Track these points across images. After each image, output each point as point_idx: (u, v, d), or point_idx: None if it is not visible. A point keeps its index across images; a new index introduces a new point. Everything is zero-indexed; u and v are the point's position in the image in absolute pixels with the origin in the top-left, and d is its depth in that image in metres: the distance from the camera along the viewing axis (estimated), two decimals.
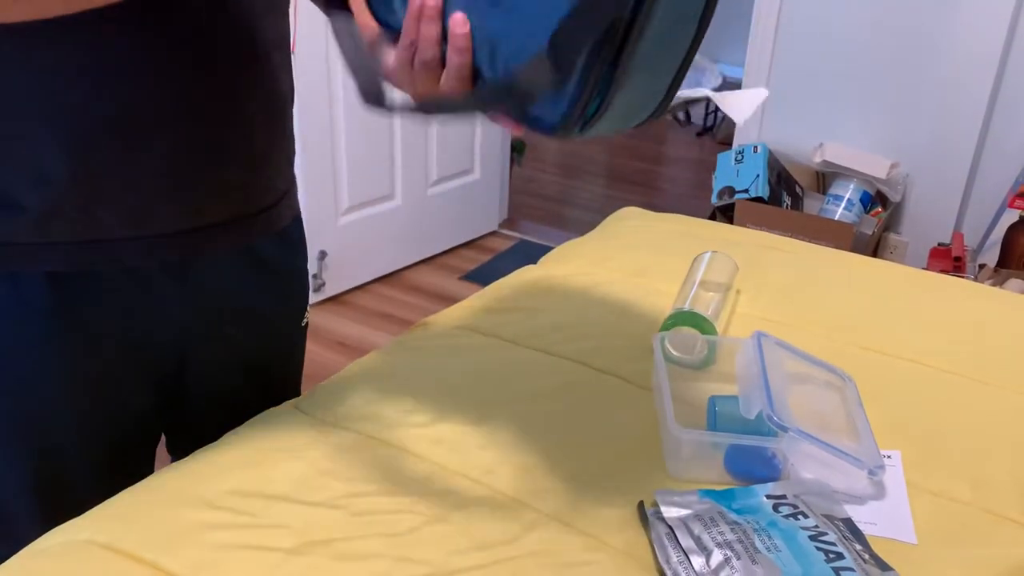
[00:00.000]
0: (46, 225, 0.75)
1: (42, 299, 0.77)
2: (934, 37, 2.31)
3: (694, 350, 1.05)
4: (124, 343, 0.83)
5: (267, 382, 1.01)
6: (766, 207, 2.37)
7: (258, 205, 0.89)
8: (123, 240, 0.78)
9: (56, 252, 0.76)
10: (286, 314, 1.00)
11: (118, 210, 0.77)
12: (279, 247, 0.94)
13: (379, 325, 2.56)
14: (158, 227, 0.80)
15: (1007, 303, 1.32)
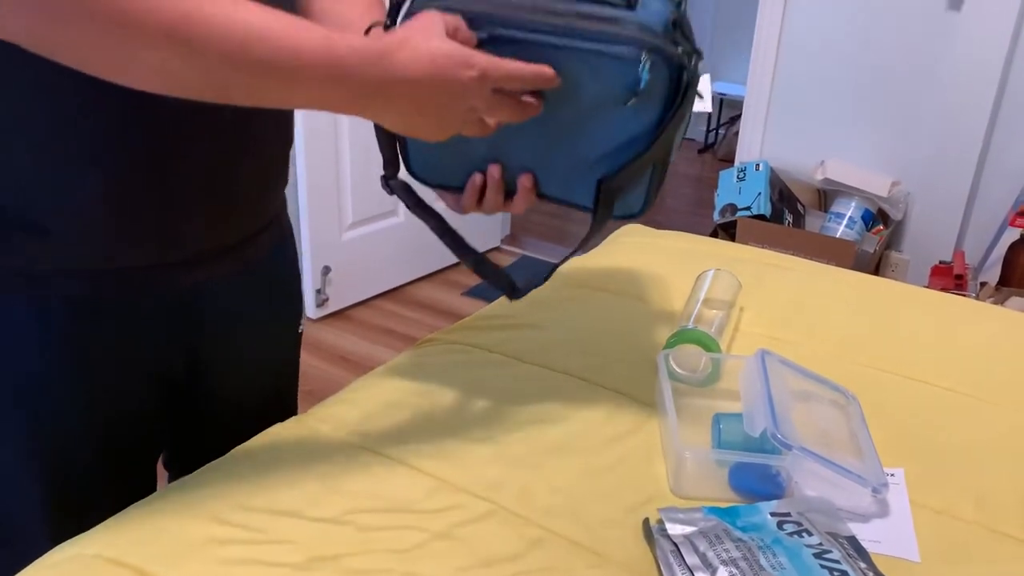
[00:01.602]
0: (70, 251, 0.75)
1: (61, 323, 0.78)
2: (935, 56, 2.33)
3: (698, 368, 1.06)
4: (136, 360, 0.84)
5: (266, 389, 1.03)
6: (768, 224, 2.37)
7: (267, 218, 0.91)
8: (147, 267, 0.79)
9: (79, 278, 0.77)
10: (283, 321, 1.02)
11: (143, 236, 0.78)
12: (274, 254, 0.95)
13: (382, 340, 2.56)
14: (180, 253, 0.81)
15: (1008, 321, 1.32)
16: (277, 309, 1.01)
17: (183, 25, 0.58)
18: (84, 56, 0.59)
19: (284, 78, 0.63)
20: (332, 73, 0.65)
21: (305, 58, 0.63)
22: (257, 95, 0.65)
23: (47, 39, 0.57)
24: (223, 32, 0.59)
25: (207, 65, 0.60)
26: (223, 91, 0.63)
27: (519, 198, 0.84)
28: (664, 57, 0.74)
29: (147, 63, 0.59)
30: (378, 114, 0.70)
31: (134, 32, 0.57)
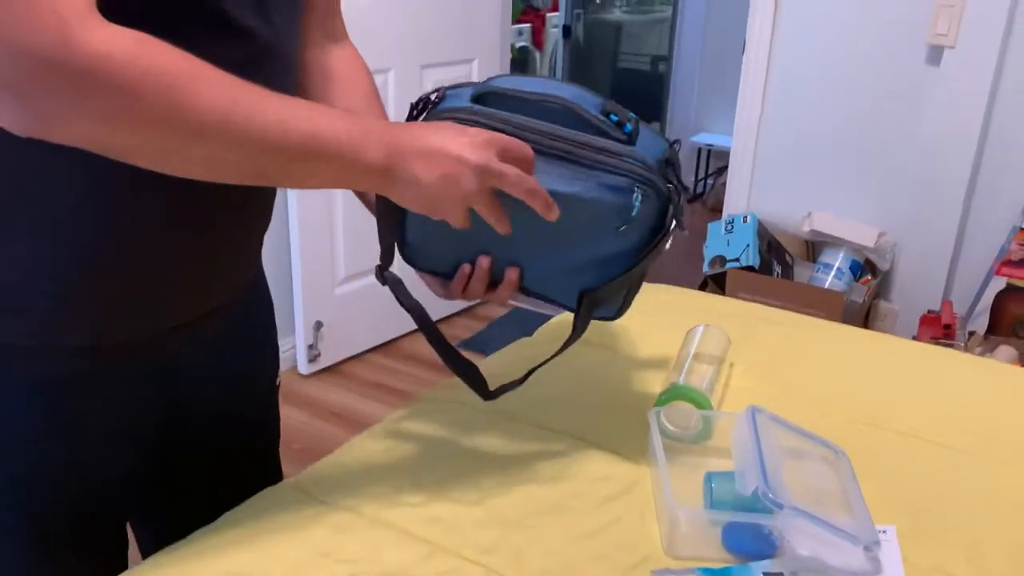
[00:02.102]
0: (51, 328, 0.76)
1: (41, 395, 0.78)
2: (916, 109, 2.37)
3: (690, 425, 1.06)
4: (115, 424, 0.84)
5: (244, 446, 1.03)
6: (757, 276, 2.40)
7: (245, 280, 0.92)
8: (126, 344, 0.80)
9: (61, 354, 0.77)
10: (259, 372, 1.02)
11: (124, 313, 0.78)
12: (250, 306, 0.96)
13: (375, 395, 2.56)
14: (162, 325, 0.82)
15: (996, 373, 1.34)
16: (252, 362, 1.02)
17: (227, 121, 0.63)
18: (137, 153, 0.63)
19: (311, 160, 0.68)
20: (356, 147, 0.70)
21: (329, 140, 0.69)
22: (290, 178, 0.71)
23: (102, 140, 0.61)
24: (261, 125, 0.65)
25: (247, 155, 0.65)
26: (262, 176, 0.69)
27: (503, 289, 0.89)
28: (656, 190, 0.82)
29: (194, 156, 0.64)
30: (398, 176, 0.73)
31: (183, 130, 0.61)
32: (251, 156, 0.65)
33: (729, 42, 4.38)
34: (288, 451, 1.15)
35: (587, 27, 5.35)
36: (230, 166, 0.66)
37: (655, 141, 0.85)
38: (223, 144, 0.63)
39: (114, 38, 0.57)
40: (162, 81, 0.59)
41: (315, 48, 0.94)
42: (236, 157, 0.65)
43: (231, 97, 0.63)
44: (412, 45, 2.63)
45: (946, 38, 2.25)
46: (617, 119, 0.81)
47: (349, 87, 0.95)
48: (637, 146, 0.82)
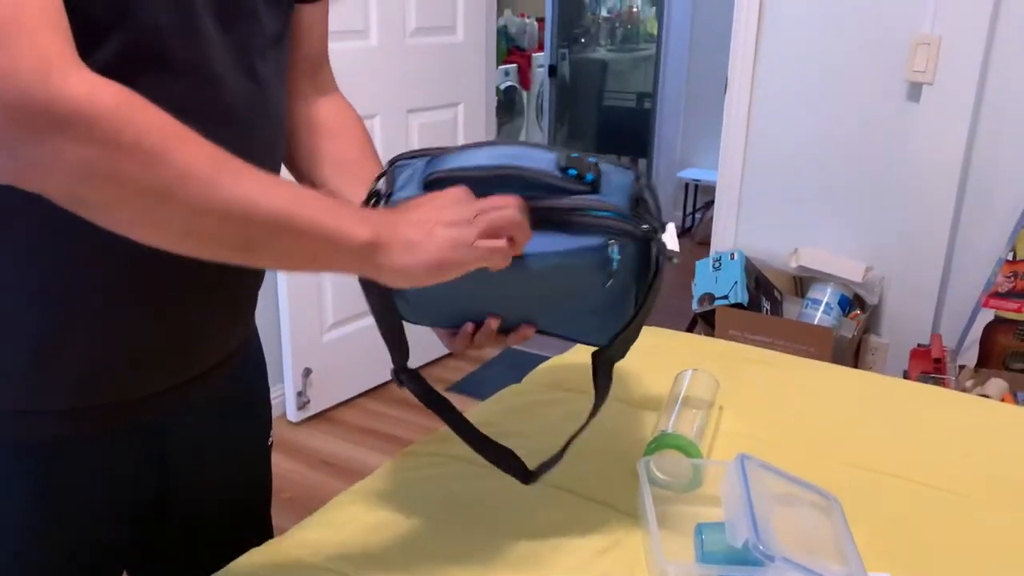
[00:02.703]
0: (32, 392, 0.75)
1: (24, 461, 0.77)
2: (899, 145, 2.40)
3: (680, 474, 1.05)
4: (102, 492, 0.83)
5: (236, 506, 1.01)
6: (746, 313, 2.40)
7: (236, 342, 0.91)
8: (113, 404, 0.79)
9: (42, 419, 0.76)
10: (252, 436, 1.01)
11: (107, 376, 0.78)
12: (242, 369, 0.95)
13: (365, 441, 2.53)
14: (147, 388, 0.81)
15: (989, 412, 1.33)
16: (245, 424, 1.00)
17: (210, 183, 0.61)
18: (113, 211, 0.61)
19: (295, 233, 0.66)
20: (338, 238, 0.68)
21: (312, 214, 0.67)
22: (273, 252, 0.68)
23: (79, 192, 0.59)
24: (245, 192, 0.63)
25: (229, 224, 0.63)
26: (244, 248, 0.66)
27: (515, 336, 0.87)
28: (631, 235, 0.79)
29: (173, 220, 0.62)
30: (392, 248, 0.70)
31: (162, 188, 0.60)
32: (233, 225, 0.63)
33: (712, 78, 4.43)
34: (278, 500, 1.13)
35: (572, 66, 5.40)
36: (210, 235, 0.63)
37: (621, 179, 0.81)
38: (202, 208, 0.61)
39: (97, 86, 0.56)
40: (145, 134, 0.58)
41: (303, 100, 0.95)
42: (216, 225, 0.63)
43: (214, 160, 0.62)
44: (398, 90, 2.65)
45: (924, 74, 2.27)
46: (576, 172, 0.78)
47: (341, 138, 0.95)
48: (603, 192, 0.79)
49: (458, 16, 2.82)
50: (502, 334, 0.87)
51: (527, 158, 0.79)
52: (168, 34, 0.68)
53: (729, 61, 2.59)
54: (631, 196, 0.80)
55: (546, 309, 0.86)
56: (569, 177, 0.78)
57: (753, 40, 2.53)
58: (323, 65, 0.98)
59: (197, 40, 0.70)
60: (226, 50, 0.74)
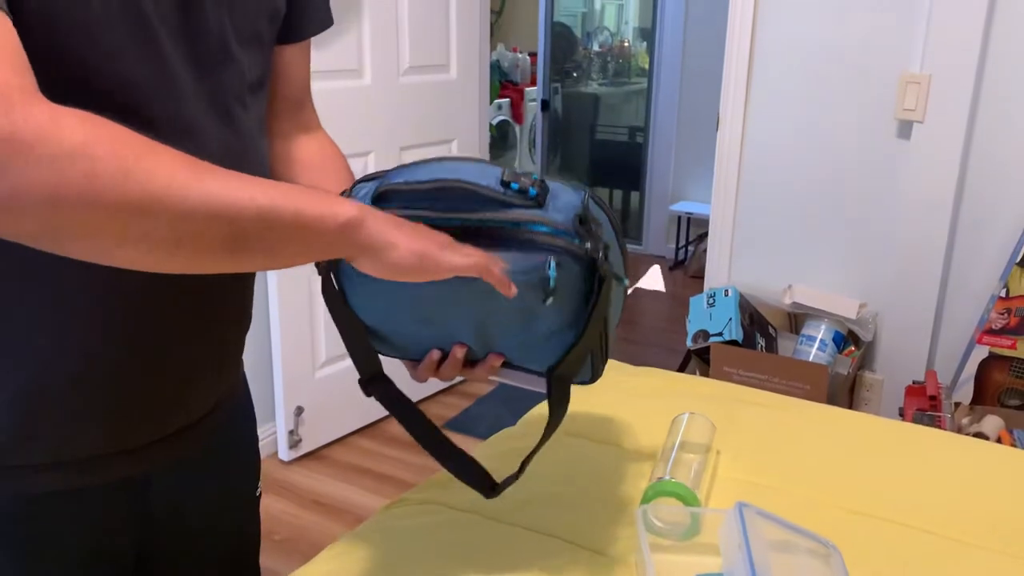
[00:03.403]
0: (12, 445, 0.73)
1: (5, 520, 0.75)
2: (890, 182, 2.41)
3: (677, 522, 1.04)
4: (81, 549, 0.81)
5: (223, 559, 0.99)
6: (741, 350, 2.39)
7: (221, 393, 0.90)
8: (93, 460, 0.77)
9: (23, 473, 0.75)
10: (240, 488, 0.99)
11: (88, 429, 0.76)
12: (229, 422, 0.94)
13: (358, 481, 2.51)
14: (128, 441, 0.79)
15: (985, 454, 1.32)
16: (233, 477, 0.98)
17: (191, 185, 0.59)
18: (96, 234, 0.57)
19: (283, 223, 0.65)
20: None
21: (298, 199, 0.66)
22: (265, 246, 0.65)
23: (55, 221, 0.55)
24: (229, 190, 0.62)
25: (215, 223, 0.61)
26: (233, 246, 0.63)
27: (481, 369, 0.85)
28: (572, 254, 0.76)
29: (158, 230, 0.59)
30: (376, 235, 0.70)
31: (142, 196, 0.57)
32: (220, 223, 0.61)
33: (703, 112, 4.47)
34: (269, 542, 1.12)
35: (565, 100, 5.44)
36: (199, 238, 0.60)
37: (569, 198, 0.79)
38: (187, 211, 0.59)
39: (59, 110, 0.55)
40: (116, 148, 0.56)
41: (284, 139, 0.94)
42: (204, 225, 0.60)
43: (189, 163, 0.60)
44: (392, 128, 2.66)
45: (914, 112, 2.29)
46: (518, 186, 0.76)
47: (320, 171, 0.95)
48: (548, 207, 0.77)
49: (451, 54, 2.84)
50: (469, 366, 0.86)
51: (470, 172, 0.78)
52: (143, 87, 0.67)
53: (720, 100, 2.60)
54: (576, 214, 0.77)
55: (500, 332, 0.83)
56: (511, 191, 0.77)
57: (744, 78, 2.54)
58: (305, 104, 0.98)
59: (173, 91, 0.70)
60: (203, 99, 0.73)
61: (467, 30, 2.88)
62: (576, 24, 5.47)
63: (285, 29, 0.87)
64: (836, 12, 2.39)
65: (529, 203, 0.76)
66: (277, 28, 0.85)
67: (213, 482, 0.93)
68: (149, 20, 0.67)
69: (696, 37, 4.63)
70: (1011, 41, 2.19)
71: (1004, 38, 2.19)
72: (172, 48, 0.70)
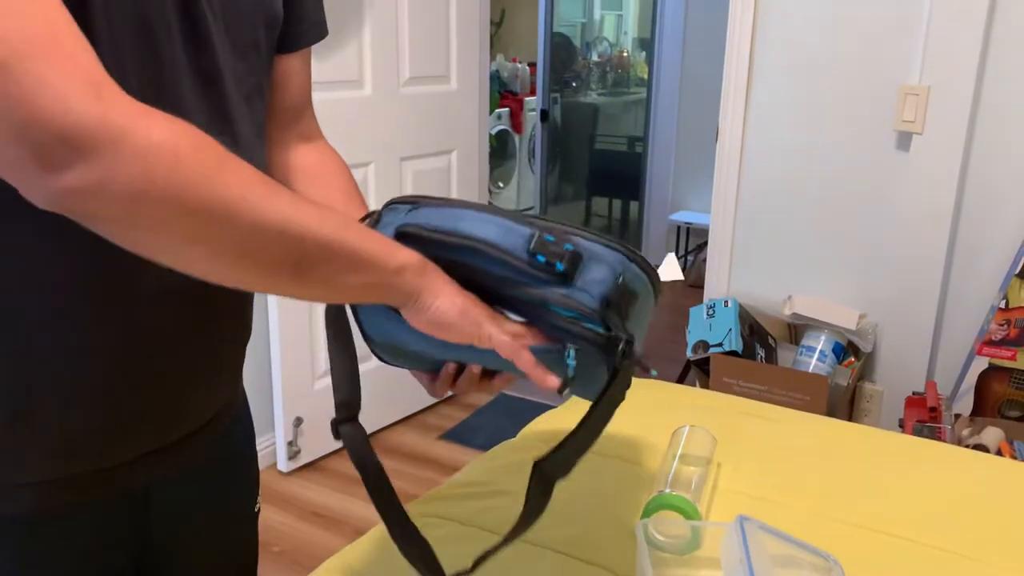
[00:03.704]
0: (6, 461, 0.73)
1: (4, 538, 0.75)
2: (890, 193, 2.41)
3: (678, 536, 1.04)
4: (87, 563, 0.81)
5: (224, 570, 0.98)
6: (741, 360, 2.39)
7: (220, 403, 0.89)
8: (90, 475, 0.77)
9: (19, 490, 0.74)
10: (238, 503, 0.99)
11: (85, 442, 0.75)
12: (227, 435, 0.93)
13: (356, 492, 2.50)
14: (123, 455, 0.79)
15: (987, 467, 1.32)
16: (232, 492, 0.98)
17: (269, 198, 0.62)
18: (171, 228, 0.58)
19: (349, 253, 0.66)
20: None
21: (363, 234, 0.68)
22: (327, 271, 0.66)
23: (134, 211, 0.56)
24: (301, 210, 0.64)
25: (286, 240, 0.62)
26: (298, 266, 0.64)
27: (500, 379, 0.83)
28: (594, 341, 0.70)
29: (230, 232, 0.60)
30: (428, 287, 0.71)
31: (223, 198, 0.58)
32: (289, 242, 0.62)
33: (702, 121, 4.47)
34: (268, 553, 1.11)
35: (564, 110, 5.45)
36: (266, 254, 0.62)
37: (603, 270, 0.72)
38: (261, 224, 0.60)
39: (147, 106, 0.56)
40: (202, 149, 0.58)
41: (283, 148, 0.94)
42: (273, 242, 0.61)
43: (263, 179, 0.62)
44: (392, 139, 2.66)
45: (913, 124, 2.30)
46: (545, 259, 0.70)
47: (323, 182, 0.94)
48: (577, 282, 0.71)
49: (451, 65, 2.85)
50: (486, 378, 0.83)
51: (499, 230, 0.72)
52: (142, 95, 0.67)
53: (720, 110, 2.61)
54: (605, 294, 0.70)
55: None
56: (537, 263, 0.70)
57: (744, 89, 2.55)
58: (305, 113, 0.97)
59: (172, 99, 0.70)
60: (203, 107, 0.73)
61: (467, 41, 2.89)
62: (575, 34, 5.48)
63: (281, 38, 0.87)
64: (835, 23, 2.40)
65: (554, 279, 0.70)
66: (276, 36, 0.85)
67: (212, 497, 0.92)
68: (151, 27, 0.67)
69: (695, 47, 4.64)
70: (1010, 52, 2.20)
71: (1003, 49, 2.20)
72: (172, 56, 0.70)
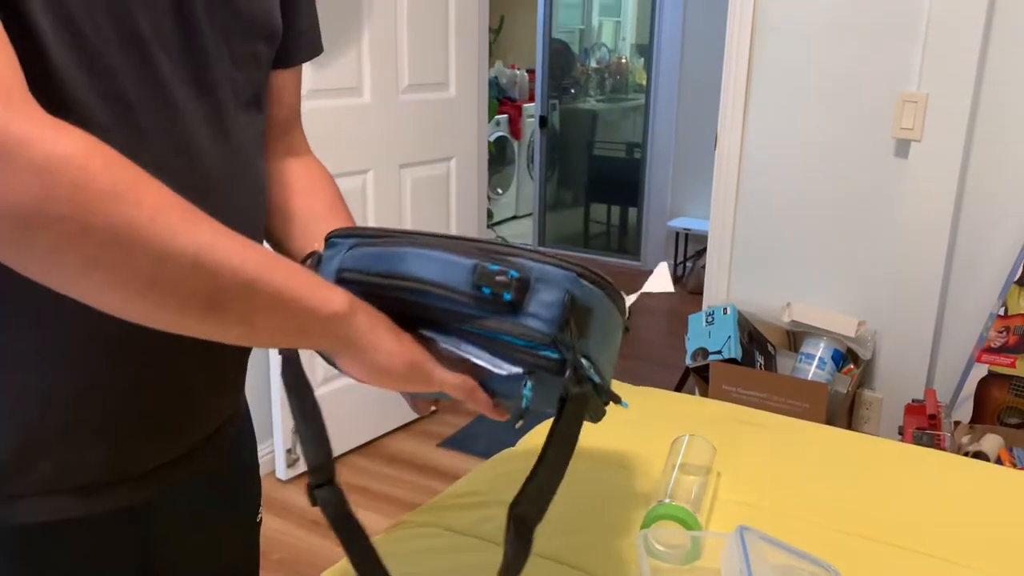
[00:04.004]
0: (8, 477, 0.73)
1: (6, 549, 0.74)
2: (888, 201, 2.41)
3: (678, 546, 1.04)
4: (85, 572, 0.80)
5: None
6: (740, 368, 2.39)
7: (223, 417, 0.89)
8: (91, 486, 0.77)
9: (20, 501, 0.74)
10: (241, 514, 0.99)
11: (89, 457, 0.75)
12: (230, 446, 0.93)
13: (357, 501, 2.50)
14: (126, 469, 0.78)
15: (987, 476, 1.32)
16: (234, 502, 0.98)
17: (183, 226, 0.57)
18: (69, 264, 0.55)
19: (267, 291, 0.62)
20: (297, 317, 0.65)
21: (287, 272, 0.64)
22: (241, 310, 0.62)
23: (30, 230, 0.52)
24: (222, 243, 0.59)
25: (200, 274, 0.58)
26: (211, 304, 0.60)
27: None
28: (547, 365, 0.66)
29: (136, 261, 0.56)
30: (361, 332, 0.68)
31: (129, 220, 0.54)
32: (202, 274, 0.58)
33: (701, 127, 4.48)
34: (267, 561, 1.10)
35: (563, 116, 5.46)
36: (176, 284, 0.57)
37: (552, 292, 0.66)
38: (172, 251, 0.56)
39: (60, 121, 0.53)
40: (113, 167, 0.54)
41: (275, 160, 0.94)
42: (185, 272, 0.57)
43: (183, 205, 0.58)
44: (391, 146, 2.67)
45: (912, 132, 2.30)
46: (491, 291, 0.65)
47: (310, 196, 0.94)
48: (527, 307, 0.66)
49: (450, 72, 2.85)
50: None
51: (439, 265, 0.68)
52: (140, 107, 0.67)
53: (719, 117, 2.61)
54: (557, 317, 0.65)
55: None
56: (483, 296, 0.66)
57: (742, 96, 2.55)
58: (294, 128, 0.98)
59: (170, 110, 0.70)
60: (200, 117, 0.73)
61: (466, 48, 2.89)
62: (574, 41, 5.49)
63: (277, 54, 0.87)
64: (833, 31, 2.40)
65: (502, 309, 0.66)
66: (275, 50, 0.85)
67: (215, 508, 0.92)
68: (144, 40, 0.67)
69: (693, 53, 4.65)
70: (1008, 59, 2.20)
71: (1001, 56, 2.21)
72: (170, 68, 0.70)
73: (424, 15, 2.70)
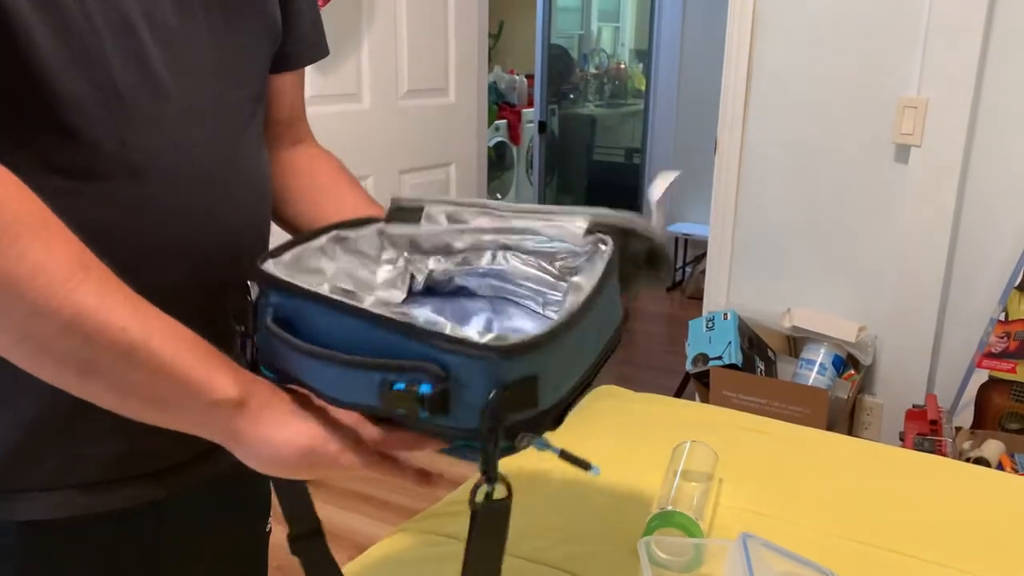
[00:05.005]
0: (17, 470, 0.73)
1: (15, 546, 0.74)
2: (888, 206, 2.41)
3: (681, 553, 1.03)
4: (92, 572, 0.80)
5: None
6: (740, 373, 2.38)
7: None
8: (98, 483, 0.76)
9: (28, 499, 0.74)
10: (250, 522, 0.98)
11: (100, 455, 0.75)
12: None
13: (358, 508, 2.49)
14: (135, 468, 0.78)
15: (989, 482, 1.32)
16: (243, 510, 0.97)
17: (66, 283, 0.55)
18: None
19: (149, 365, 0.58)
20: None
21: (179, 348, 0.59)
22: (119, 385, 0.59)
23: None
24: (106, 306, 0.56)
25: (74, 336, 0.56)
26: (85, 371, 0.58)
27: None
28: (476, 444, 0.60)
29: (11, 316, 0.55)
30: (256, 420, 0.63)
31: (11, 273, 0.53)
32: (75, 339, 0.55)
33: (700, 132, 4.48)
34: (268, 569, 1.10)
35: (562, 121, 5.46)
36: (46, 345, 0.56)
37: (478, 386, 0.56)
38: (45, 310, 0.54)
39: None
40: (6, 210, 0.53)
41: (285, 150, 0.94)
42: (56, 334, 0.55)
43: (75, 261, 0.56)
44: (391, 152, 2.67)
45: (912, 137, 2.30)
46: (405, 411, 0.58)
47: (312, 174, 0.93)
48: (452, 411, 0.58)
49: (450, 77, 2.85)
50: None
51: (344, 383, 0.61)
52: (130, 97, 0.67)
53: (718, 123, 2.61)
54: (486, 407, 0.56)
55: None
56: (400, 416, 0.59)
57: (742, 102, 2.55)
58: (297, 124, 0.97)
59: (163, 101, 0.70)
60: (200, 110, 0.73)
61: (465, 54, 2.89)
62: (573, 46, 5.50)
63: (281, 57, 0.87)
64: (833, 36, 2.40)
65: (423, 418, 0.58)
66: (274, 41, 0.85)
67: (225, 514, 0.92)
68: (135, 29, 0.66)
69: (692, 58, 4.65)
70: (1008, 64, 2.20)
71: (1001, 61, 2.21)
72: (163, 59, 0.69)
73: (423, 21, 2.70)
